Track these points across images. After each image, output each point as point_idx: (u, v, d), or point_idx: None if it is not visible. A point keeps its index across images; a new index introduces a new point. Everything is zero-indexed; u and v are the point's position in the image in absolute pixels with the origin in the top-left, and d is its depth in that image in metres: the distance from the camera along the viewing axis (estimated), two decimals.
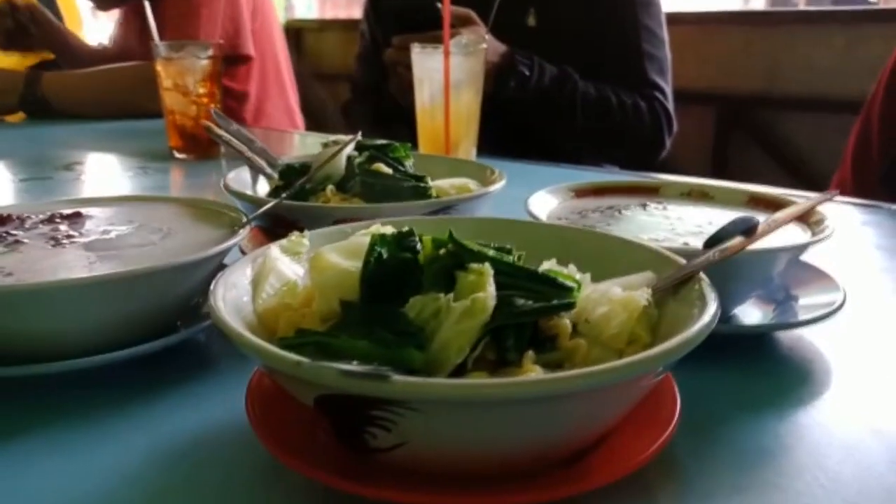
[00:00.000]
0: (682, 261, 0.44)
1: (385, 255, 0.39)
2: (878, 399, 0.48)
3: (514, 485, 0.34)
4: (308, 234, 0.49)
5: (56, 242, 0.53)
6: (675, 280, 0.42)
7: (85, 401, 0.46)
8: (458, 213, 0.63)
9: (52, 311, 0.44)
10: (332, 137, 0.73)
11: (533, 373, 0.35)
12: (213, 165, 1.32)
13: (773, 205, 0.68)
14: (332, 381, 0.30)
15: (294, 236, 0.48)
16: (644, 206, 0.69)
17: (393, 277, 0.39)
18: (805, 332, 0.57)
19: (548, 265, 0.42)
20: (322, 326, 0.39)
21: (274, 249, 0.46)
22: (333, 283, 0.40)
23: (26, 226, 0.57)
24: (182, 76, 1.28)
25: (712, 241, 0.48)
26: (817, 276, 0.63)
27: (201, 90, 1.29)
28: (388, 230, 0.45)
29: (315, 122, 2.56)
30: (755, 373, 0.52)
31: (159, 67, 1.29)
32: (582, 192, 0.71)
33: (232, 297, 0.40)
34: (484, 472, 0.35)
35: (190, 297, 0.54)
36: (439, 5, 1.19)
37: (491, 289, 0.36)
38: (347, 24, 3.48)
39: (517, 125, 1.49)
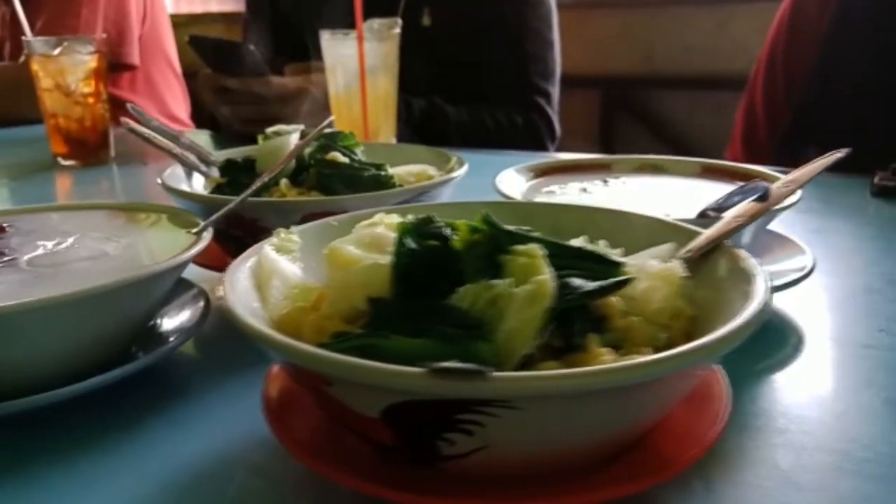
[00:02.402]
0: (703, 231, 0.42)
1: (418, 245, 0.35)
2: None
3: (574, 483, 0.31)
4: (296, 231, 0.44)
5: None
6: (703, 250, 0.40)
7: (61, 436, 0.40)
8: (427, 201, 0.60)
9: (20, 338, 0.38)
10: (271, 129, 0.67)
11: (604, 357, 0.32)
12: (104, 171, 1.21)
13: (726, 173, 0.69)
14: (429, 387, 0.26)
15: (283, 233, 0.43)
16: (605, 181, 0.69)
17: (429, 268, 0.35)
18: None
19: (578, 244, 0.40)
20: (346, 328, 0.35)
21: (268, 249, 0.41)
22: (359, 279, 0.36)
23: None
24: (63, 75, 1.16)
25: (715, 210, 0.47)
26: (781, 243, 0.64)
27: (86, 90, 1.18)
28: (395, 219, 0.42)
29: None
30: None
31: (36, 66, 1.16)
32: (540, 172, 0.70)
33: (245, 306, 0.35)
34: (549, 470, 0.32)
35: (152, 314, 0.48)
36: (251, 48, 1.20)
37: (550, 271, 0.33)
38: (202, 18, 3.31)
39: None
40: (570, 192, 0.64)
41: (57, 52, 1.16)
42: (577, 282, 0.33)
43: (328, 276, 0.37)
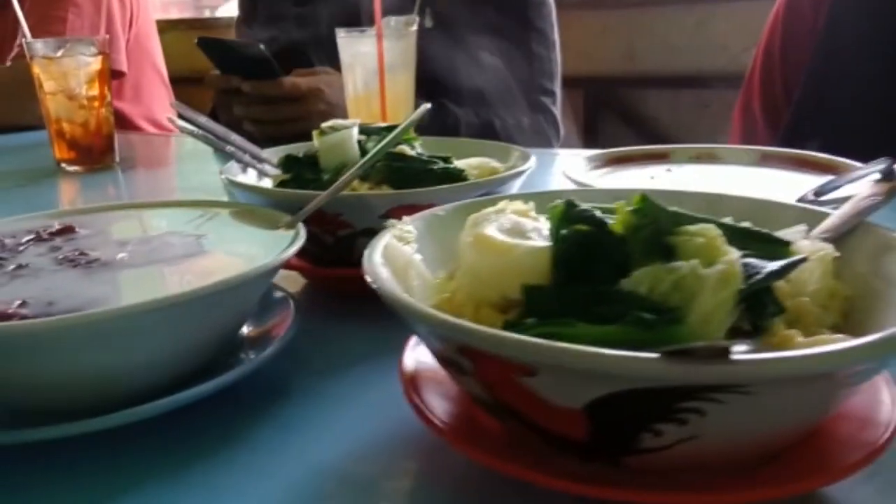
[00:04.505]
0: (833, 213, 0.41)
1: (579, 230, 0.34)
2: None
3: (743, 478, 0.30)
4: (410, 221, 0.42)
5: (73, 263, 0.43)
6: (840, 230, 0.39)
7: (168, 449, 0.38)
8: (503, 192, 0.58)
9: (141, 340, 0.35)
10: (327, 123, 0.65)
11: (797, 339, 0.31)
12: (109, 176, 1.17)
13: (786, 160, 0.69)
14: (668, 372, 0.25)
15: (400, 225, 0.41)
16: (669, 170, 0.68)
17: (589, 254, 0.33)
18: None
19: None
20: (501, 318, 0.34)
21: (395, 241, 0.39)
22: (517, 266, 0.34)
23: (13, 248, 0.46)
24: (66, 78, 1.12)
25: (821, 192, 0.46)
26: None
27: (90, 92, 1.13)
28: (521, 206, 0.40)
29: None
30: None
31: (37, 69, 1.12)
32: (601, 163, 0.69)
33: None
34: (723, 464, 0.31)
35: (248, 316, 0.45)
36: (262, 48, 1.17)
37: (734, 252, 0.31)
38: (177, 24, 3.25)
39: None
40: (638, 181, 0.63)
41: (59, 53, 1.11)
42: (757, 262, 0.32)
43: (475, 264, 0.35)
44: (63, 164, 1.16)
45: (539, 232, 0.36)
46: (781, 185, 0.62)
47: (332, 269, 0.54)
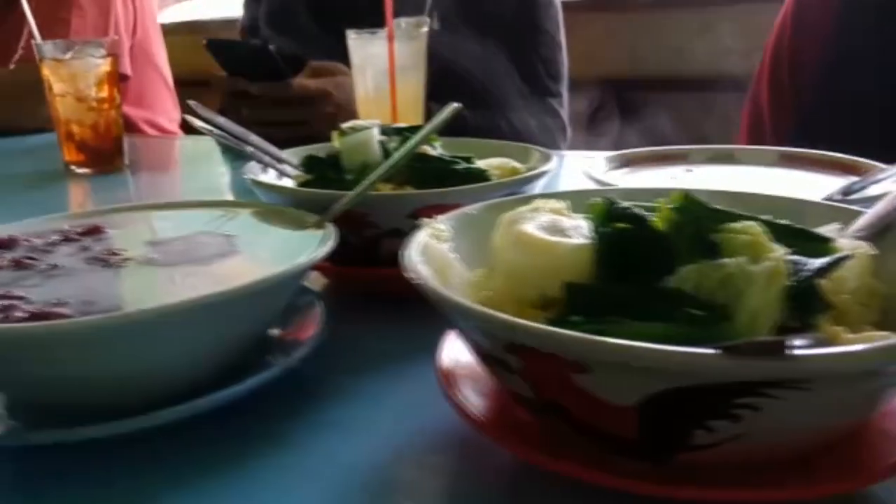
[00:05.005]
0: (866, 211, 0.41)
1: (622, 228, 0.34)
2: None
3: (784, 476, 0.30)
4: (443, 221, 0.42)
5: (106, 262, 0.43)
6: (875, 228, 0.39)
7: (209, 449, 0.37)
8: (523, 192, 0.58)
9: (182, 339, 0.35)
10: (347, 124, 0.65)
11: (846, 336, 0.31)
12: (119, 179, 1.16)
13: (805, 161, 0.69)
14: (729, 368, 0.25)
15: (434, 224, 0.41)
16: (689, 170, 0.68)
17: (631, 251, 0.33)
18: None
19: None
20: (542, 316, 0.34)
21: (431, 240, 0.39)
22: (556, 265, 0.34)
23: (42, 249, 0.46)
24: (75, 80, 1.12)
25: (849, 191, 0.46)
26: None
27: (100, 94, 1.13)
28: (554, 204, 0.40)
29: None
30: None
31: (47, 71, 1.11)
32: (620, 163, 0.69)
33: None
34: (766, 462, 0.31)
35: (279, 315, 0.45)
36: (271, 49, 1.17)
37: (781, 248, 0.31)
38: (179, 27, 3.25)
39: None
40: (660, 181, 0.63)
41: (68, 55, 1.11)
42: (802, 259, 0.32)
43: (516, 261, 0.35)
44: (72, 167, 1.16)
45: (578, 230, 0.36)
46: (804, 185, 0.62)
47: (362, 269, 0.54)
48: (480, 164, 0.65)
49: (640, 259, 0.33)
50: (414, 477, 0.36)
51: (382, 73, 1.05)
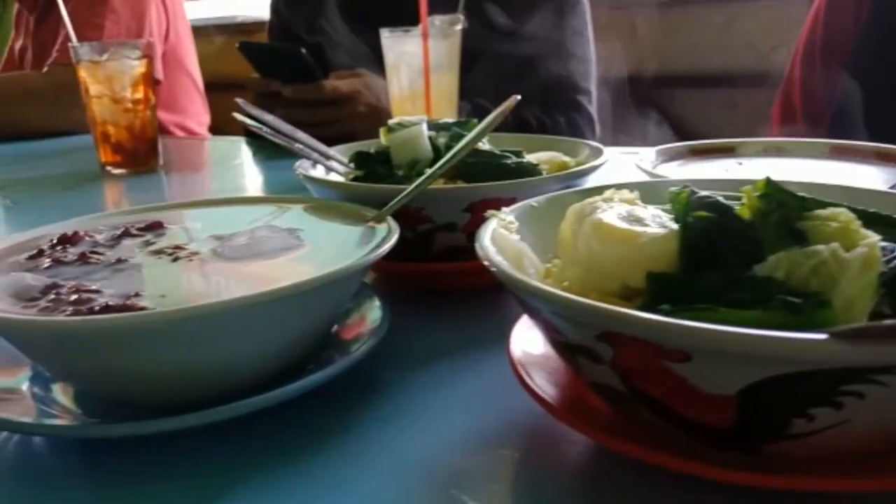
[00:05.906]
0: None
1: (707, 217, 0.33)
2: None
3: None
4: (510, 212, 0.42)
5: (172, 256, 0.43)
6: None
7: (275, 442, 0.37)
8: (576, 186, 0.57)
9: (254, 332, 0.35)
10: (393, 120, 0.65)
11: None
12: (153, 179, 1.17)
13: (857, 153, 0.68)
14: (847, 354, 0.24)
15: (501, 216, 0.41)
16: (740, 163, 0.67)
17: (722, 240, 0.33)
18: None
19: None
20: (625, 306, 0.33)
21: (503, 231, 0.39)
22: (639, 255, 0.33)
23: (105, 244, 0.46)
24: (111, 82, 1.13)
25: None
26: None
27: (136, 96, 1.14)
28: (626, 194, 0.39)
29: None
30: None
31: (83, 73, 1.12)
32: (669, 156, 0.68)
33: None
34: (855, 451, 0.30)
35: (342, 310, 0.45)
36: (304, 52, 1.18)
37: (873, 235, 0.31)
38: (209, 30, 3.28)
39: None
40: (713, 173, 0.63)
41: (104, 57, 1.12)
42: (893, 245, 0.31)
43: (595, 252, 0.35)
44: (108, 168, 1.17)
45: (657, 219, 0.36)
46: (859, 176, 0.61)
47: (418, 265, 0.54)
48: (530, 157, 0.64)
49: (727, 248, 0.33)
50: (484, 467, 0.35)
51: (417, 71, 1.05)
